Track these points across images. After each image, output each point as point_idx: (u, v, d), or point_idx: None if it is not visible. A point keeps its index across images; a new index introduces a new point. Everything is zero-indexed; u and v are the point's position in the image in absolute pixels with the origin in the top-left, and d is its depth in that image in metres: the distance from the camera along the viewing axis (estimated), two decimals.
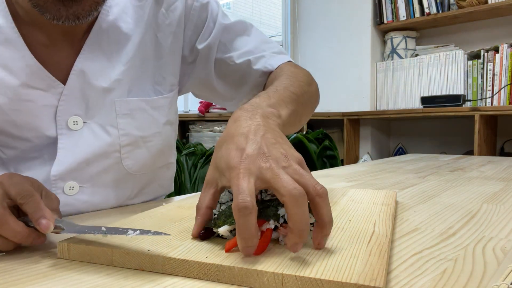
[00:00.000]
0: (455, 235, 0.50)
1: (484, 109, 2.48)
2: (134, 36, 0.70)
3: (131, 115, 0.69)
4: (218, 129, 2.91)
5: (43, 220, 0.43)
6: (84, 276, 0.37)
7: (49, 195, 0.49)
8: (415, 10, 3.01)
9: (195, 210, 0.45)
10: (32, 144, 0.65)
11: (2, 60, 0.60)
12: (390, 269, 0.39)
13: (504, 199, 0.72)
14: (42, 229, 0.43)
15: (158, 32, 0.73)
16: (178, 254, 0.39)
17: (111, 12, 0.68)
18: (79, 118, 0.65)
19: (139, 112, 0.70)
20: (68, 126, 0.65)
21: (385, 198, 0.65)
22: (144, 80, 0.72)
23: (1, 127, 0.62)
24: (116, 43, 0.68)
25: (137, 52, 0.70)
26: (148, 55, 0.72)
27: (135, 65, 0.70)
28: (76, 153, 0.65)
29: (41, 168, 0.65)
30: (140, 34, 0.70)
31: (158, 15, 0.73)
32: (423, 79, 2.98)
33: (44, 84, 0.63)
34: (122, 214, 0.66)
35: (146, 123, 0.71)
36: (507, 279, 0.35)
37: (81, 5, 0.55)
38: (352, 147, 3.24)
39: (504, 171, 1.11)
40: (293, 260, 0.37)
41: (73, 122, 0.65)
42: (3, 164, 0.65)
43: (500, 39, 2.80)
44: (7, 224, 0.43)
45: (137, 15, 0.71)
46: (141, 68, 0.71)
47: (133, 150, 0.71)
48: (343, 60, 3.39)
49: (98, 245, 0.42)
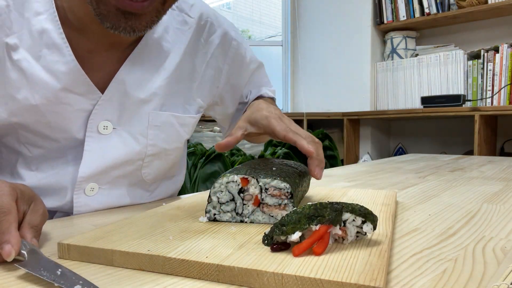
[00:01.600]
0: (455, 235, 0.50)
1: (484, 109, 2.48)
2: (173, 56, 0.74)
3: (161, 127, 0.73)
4: (218, 129, 2.90)
5: (6, 246, 0.40)
6: (84, 276, 0.37)
7: (37, 210, 0.47)
8: (415, 10, 3.01)
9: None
10: (59, 145, 0.66)
11: (46, 63, 0.62)
12: (390, 269, 0.39)
13: (504, 199, 0.72)
14: (4, 254, 0.40)
15: (195, 58, 0.78)
16: (178, 254, 0.39)
17: (156, 30, 0.71)
18: (109, 123, 0.67)
19: (168, 126, 0.74)
20: (98, 130, 0.67)
21: (385, 198, 0.65)
22: (177, 98, 0.75)
23: (35, 127, 0.64)
24: (157, 59, 0.72)
25: (174, 71, 0.74)
26: (184, 76, 0.76)
27: (171, 82, 0.74)
28: (103, 157, 0.67)
29: (63, 168, 0.67)
30: (179, 55, 0.75)
31: (198, 44, 0.79)
32: (423, 79, 2.98)
33: (83, 89, 0.64)
34: (123, 214, 0.66)
35: (172, 137, 0.75)
36: (507, 279, 0.35)
37: (139, 19, 0.58)
38: (352, 147, 3.23)
39: (504, 171, 1.10)
40: (293, 260, 0.37)
41: (103, 127, 0.67)
42: (26, 161, 0.66)
43: (500, 39, 2.79)
44: None
45: (177, 38, 0.75)
46: (176, 86, 0.75)
47: (154, 160, 0.74)
48: (343, 60, 3.39)
49: (98, 245, 0.42)
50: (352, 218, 0.42)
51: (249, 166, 0.55)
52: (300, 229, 0.40)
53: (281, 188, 0.50)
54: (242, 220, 0.52)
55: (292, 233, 0.40)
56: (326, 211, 0.40)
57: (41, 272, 0.37)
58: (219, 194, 0.52)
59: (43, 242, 0.49)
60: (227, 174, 0.52)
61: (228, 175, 0.51)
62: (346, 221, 0.42)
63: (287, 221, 0.40)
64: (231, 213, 0.52)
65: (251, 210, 0.51)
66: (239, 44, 0.85)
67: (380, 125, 3.36)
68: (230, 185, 0.51)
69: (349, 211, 0.41)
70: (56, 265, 0.39)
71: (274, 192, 0.51)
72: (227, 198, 0.52)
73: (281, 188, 0.50)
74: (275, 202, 0.51)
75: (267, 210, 0.51)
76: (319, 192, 0.72)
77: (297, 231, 0.40)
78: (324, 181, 0.98)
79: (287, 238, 0.40)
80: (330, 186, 0.89)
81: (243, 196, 0.51)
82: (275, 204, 0.51)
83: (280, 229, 0.40)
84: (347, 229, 0.42)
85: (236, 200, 0.51)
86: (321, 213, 0.40)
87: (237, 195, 0.51)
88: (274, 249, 0.40)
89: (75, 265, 0.41)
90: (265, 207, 0.51)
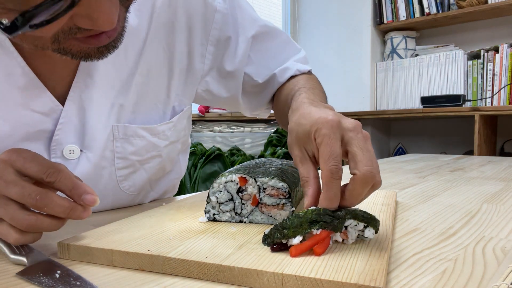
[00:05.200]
0: (455, 235, 0.50)
1: (484, 109, 2.48)
2: (137, 51, 0.63)
3: (127, 139, 0.64)
4: (218, 129, 2.90)
5: (88, 196, 0.41)
6: (84, 276, 0.37)
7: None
8: (415, 10, 3.01)
9: (302, 185, 0.46)
10: None
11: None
12: (390, 269, 0.39)
13: (504, 199, 0.72)
14: (88, 204, 0.41)
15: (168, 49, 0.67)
16: (178, 254, 0.39)
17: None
18: (76, 146, 0.60)
19: (137, 138, 0.65)
20: (64, 155, 0.59)
21: (385, 198, 0.65)
22: (145, 103, 0.66)
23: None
24: (117, 58, 0.60)
25: (139, 71, 0.64)
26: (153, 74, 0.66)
27: (137, 84, 0.64)
28: None
29: None
30: (142, 49, 0.64)
31: (167, 31, 0.67)
32: (423, 79, 2.98)
33: (42, 104, 0.56)
34: (123, 214, 0.65)
35: (144, 148, 0.67)
36: (507, 279, 0.35)
37: (111, 46, 0.45)
38: None
39: (504, 171, 1.10)
40: (293, 260, 0.37)
41: (69, 151, 0.59)
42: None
43: (500, 39, 2.79)
44: (53, 201, 0.40)
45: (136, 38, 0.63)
46: (144, 88, 0.66)
47: (129, 174, 0.67)
48: (343, 60, 3.39)
49: (98, 245, 0.42)
50: (355, 224, 0.42)
51: (248, 166, 0.55)
52: (301, 233, 0.40)
53: (279, 187, 0.50)
54: (241, 220, 0.52)
55: (293, 237, 0.39)
56: (329, 218, 0.40)
57: (40, 279, 0.37)
58: (218, 194, 0.52)
59: (43, 242, 0.49)
60: (225, 174, 0.52)
61: (226, 175, 0.51)
62: (348, 226, 0.42)
63: (289, 225, 0.40)
64: (230, 213, 0.52)
65: (250, 210, 0.51)
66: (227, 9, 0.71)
67: (380, 125, 3.36)
68: (228, 185, 0.51)
69: (352, 218, 0.41)
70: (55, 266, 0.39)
71: (272, 192, 0.50)
72: (226, 198, 0.52)
73: (279, 188, 0.50)
74: (273, 202, 0.50)
75: (265, 209, 0.51)
76: None
77: (298, 235, 0.40)
78: None
79: (288, 241, 0.40)
80: None
81: (242, 195, 0.51)
82: (273, 203, 0.51)
83: (281, 233, 0.40)
84: (348, 232, 0.42)
85: (235, 199, 0.51)
86: (323, 219, 0.40)
87: (235, 194, 0.51)
88: (274, 249, 0.40)
89: (75, 265, 0.41)
90: (263, 207, 0.51)
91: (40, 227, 0.41)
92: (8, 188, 0.40)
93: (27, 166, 0.41)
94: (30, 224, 0.40)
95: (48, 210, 0.40)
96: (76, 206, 0.41)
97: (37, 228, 0.41)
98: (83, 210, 0.42)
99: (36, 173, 0.41)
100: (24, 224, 0.40)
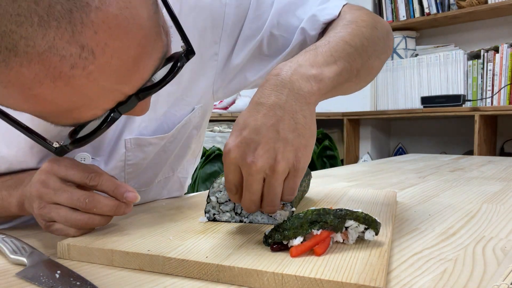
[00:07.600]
0: (455, 235, 0.50)
1: (484, 109, 2.48)
2: None
3: (140, 149, 0.64)
4: (218, 129, 2.90)
5: (129, 194, 0.46)
6: (84, 276, 0.37)
7: None
8: (415, 10, 3.01)
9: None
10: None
11: None
12: (390, 269, 0.39)
13: (504, 199, 0.72)
14: (131, 201, 0.46)
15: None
16: (178, 254, 0.39)
17: None
18: (87, 155, 0.60)
19: (150, 146, 0.64)
20: None
21: (385, 198, 0.65)
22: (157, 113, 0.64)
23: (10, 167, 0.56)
24: None
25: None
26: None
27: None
28: None
29: None
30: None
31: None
32: (423, 79, 2.98)
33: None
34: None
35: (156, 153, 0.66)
36: (507, 279, 0.35)
37: None
38: (352, 147, 3.23)
39: (504, 171, 1.10)
40: (293, 260, 0.37)
41: (81, 159, 0.60)
42: None
43: (500, 39, 2.79)
44: (101, 202, 0.45)
45: None
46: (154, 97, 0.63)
47: (138, 174, 0.67)
48: None
49: (98, 245, 0.42)
50: (356, 225, 0.42)
51: None
52: (302, 234, 0.40)
53: None
54: (241, 220, 0.52)
55: (294, 238, 0.39)
56: (329, 218, 0.40)
57: (40, 279, 0.37)
58: (218, 194, 0.52)
59: (43, 242, 0.49)
60: None
61: None
62: (349, 227, 0.42)
63: (289, 226, 0.40)
64: (230, 213, 0.52)
65: None
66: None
67: (380, 125, 3.36)
68: None
69: (353, 219, 0.41)
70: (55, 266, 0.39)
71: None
72: (226, 198, 0.52)
73: None
74: None
75: None
76: (319, 192, 0.72)
77: (298, 236, 0.40)
78: (324, 181, 0.98)
79: (288, 242, 0.40)
80: (330, 186, 0.89)
81: None
82: None
83: (281, 234, 0.40)
84: (348, 233, 0.42)
85: None
86: (323, 219, 0.40)
87: None
88: (274, 249, 0.40)
89: (75, 265, 0.41)
90: None
91: (92, 224, 0.46)
92: (57, 195, 0.45)
93: (69, 173, 0.46)
94: (84, 223, 0.45)
95: (97, 210, 0.45)
96: (120, 204, 0.46)
97: (90, 225, 0.46)
98: (126, 207, 0.47)
99: (80, 179, 0.46)
100: (79, 224, 0.45)
